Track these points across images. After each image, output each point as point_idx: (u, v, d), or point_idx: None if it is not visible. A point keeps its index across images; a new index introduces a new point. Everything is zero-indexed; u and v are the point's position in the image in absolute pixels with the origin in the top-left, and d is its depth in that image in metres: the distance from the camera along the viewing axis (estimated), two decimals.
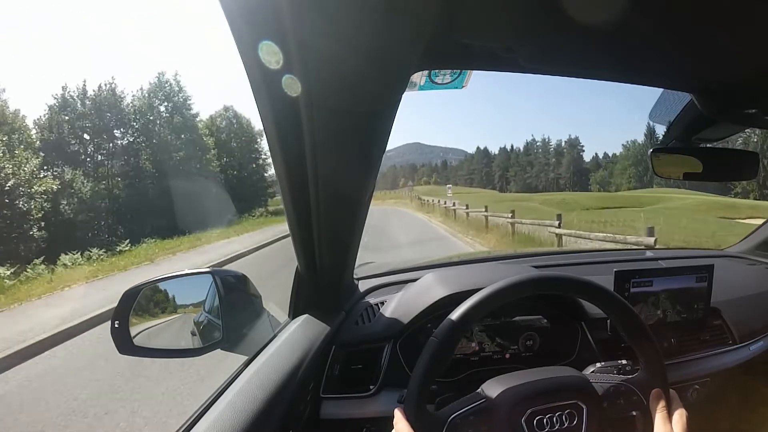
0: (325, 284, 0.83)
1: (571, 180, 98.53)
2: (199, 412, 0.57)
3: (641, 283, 0.91)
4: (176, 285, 0.78)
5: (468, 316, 0.58)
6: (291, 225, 0.67)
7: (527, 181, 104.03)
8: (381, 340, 0.83)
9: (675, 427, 0.59)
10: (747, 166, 0.86)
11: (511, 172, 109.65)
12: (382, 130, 0.48)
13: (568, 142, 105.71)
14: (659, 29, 0.44)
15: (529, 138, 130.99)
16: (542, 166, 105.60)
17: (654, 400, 0.61)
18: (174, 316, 0.79)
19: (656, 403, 0.61)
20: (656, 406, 0.61)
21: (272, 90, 0.41)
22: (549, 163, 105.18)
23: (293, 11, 0.31)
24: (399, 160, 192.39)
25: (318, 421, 0.77)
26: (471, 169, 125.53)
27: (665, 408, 0.60)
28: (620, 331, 0.64)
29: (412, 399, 0.55)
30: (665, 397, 0.61)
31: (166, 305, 0.78)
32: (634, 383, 0.63)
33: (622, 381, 0.63)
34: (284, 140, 0.49)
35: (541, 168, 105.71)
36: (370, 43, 0.35)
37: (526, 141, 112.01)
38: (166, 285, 0.77)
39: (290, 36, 0.33)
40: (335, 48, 0.35)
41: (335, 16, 0.32)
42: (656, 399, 0.61)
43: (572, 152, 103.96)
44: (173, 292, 0.79)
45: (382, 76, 0.40)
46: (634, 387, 0.62)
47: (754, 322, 1.05)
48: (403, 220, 17.99)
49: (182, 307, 0.80)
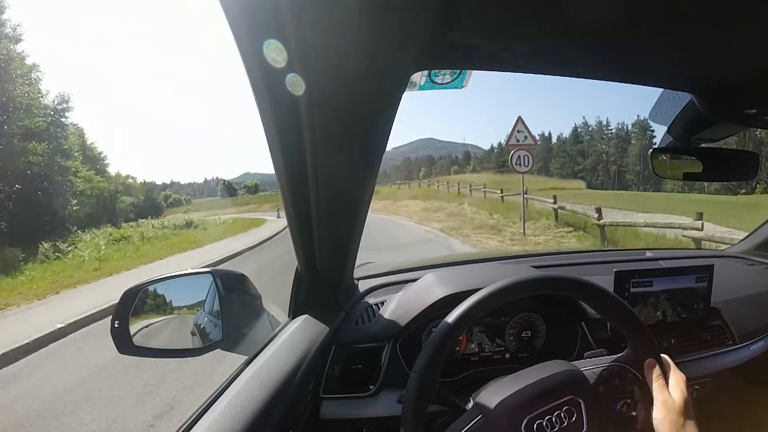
0: (325, 284, 0.83)
1: (642, 175, 67.15)
2: (198, 412, 0.57)
3: (641, 284, 0.91)
4: (176, 285, 0.78)
5: (466, 317, 0.58)
6: (291, 225, 0.67)
7: (578, 175, 73.63)
8: (381, 340, 0.83)
9: (673, 392, 0.59)
10: (747, 166, 0.86)
11: (555, 164, 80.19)
12: (382, 130, 0.48)
13: (637, 125, 71.04)
14: (659, 29, 0.44)
15: (579, 122, 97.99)
16: (598, 156, 75.80)
17: (648, 371, 0.61)
18: (174, 316, 0.79)
19: (650, 373, 0.61)
20: (651, 375, 0.60)
21: (272, 90, 0.41)
22: (608, 152, 75.10)
23: (293, 11, 0.31)
24: (413, 155, 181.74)
25: (318, 421, 0.77)
26: (501, 160, 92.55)
27: (661, 376, 0.60)
28: (603, 316, 0.65)
29: (411, 399, 0.55)
30: (660, 365, 0.61)
31: (165, 305, 0.78)
32: (624, 361, 0.63)
33: (612, 362, 0.63)
34: (284, 140, 0.49)
35: (597, 159, 75.94)
36: (370, 43, 0.35)
37: (575, 125, 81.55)
38: (165, 285, 0.77)
39: (290, 36, 0.33)
40: (335, 48, 0.35)
41: (335, 16, 0.32)
42: (650, 369, 0.61)
43: (642, 139, 68.78)
44: (173, 292, 0.79)
45: (382, 76, 0.40)
46: (625, 365, 0.62)
47: (754, 322, 1.05)
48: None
49: (182, 307, 0.80)
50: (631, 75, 0.59)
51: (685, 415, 0.57)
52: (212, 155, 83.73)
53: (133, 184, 43.72)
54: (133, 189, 41.86)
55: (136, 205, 34.38)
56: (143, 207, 37.33)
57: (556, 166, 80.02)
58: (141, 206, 36.63)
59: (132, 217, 27.00)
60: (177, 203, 72.01)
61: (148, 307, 0.75)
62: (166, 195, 77.68)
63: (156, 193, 62.63)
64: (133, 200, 34.52)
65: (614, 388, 0.61)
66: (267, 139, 0.49)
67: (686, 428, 0.56)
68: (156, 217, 27.86)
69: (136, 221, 23.01)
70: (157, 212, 39.47)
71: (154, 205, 45.11)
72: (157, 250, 12.11)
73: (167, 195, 77.69)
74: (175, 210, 60.88)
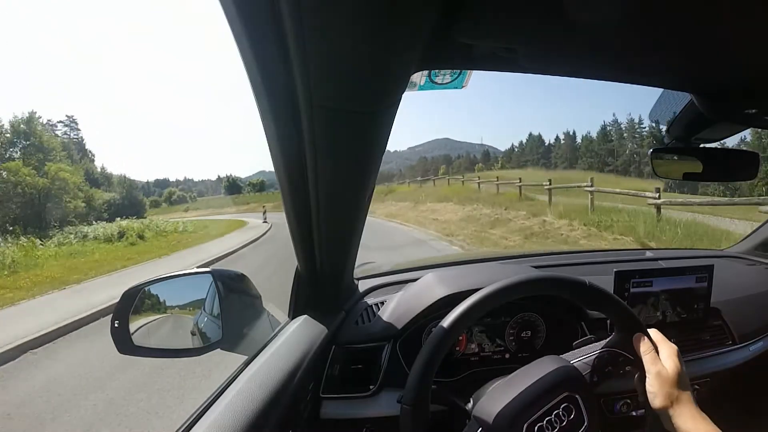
0: (324, 284, 0.83)
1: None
2: (198, 412, 0.57)
3: (641, 284, 0.91)
4: (176, 285, 0.78)
5: (465, 318, 0.58)
6: (291, 225, 0.67)
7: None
8: (381, 340, 0.83)
9: (665, 363, 0.58)
10: (747, 166, 0.86)
11: (582, 165, 71.73)
12: (382, 130, 0.48)
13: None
14: (659, 29, 0.44)
15: (608, 119, 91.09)
16: (630, 156, 68.82)
17: (637, 345, 0.60)
18: (174, 316, 0.79)
19: (640, 347, 0.60)
20: (641, 349, 0.59)
21: (272, 90, 0.41)
22: (640, 153, 67.17)
23: (293, 11, 0.31)
24: (429, 154, 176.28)
25: (318, 420, 0.77)
26: (522, 160, 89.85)
27: (651, 348, 0.59)
28: (585, 307, 0.64)
29: (409, 399, 0.55)
30: (648, 339, 0.60)
31: (165, 305, 0.78)
32: (613, 345, 0.63)
33: (602, 349, 0.63)
34: (284, 140, 0.49)
35: (629, 159, 68.71)
36: (370, 43, 0.35)
37: (603, 123, 75.77)
38: (165, 285, 0.77)
39: (290, 36, 0.33)
40: (335, 48, 0.35)
41: (335, 15, 0.32)
42: (639, 343, 0.60)
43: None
44: (173, 291, 0.79)
45: (382, 76, 0.39)
46: (615, 348, 0.62)
47: (754, 322, 1.06)
48: None
49: (182, 307, 0.80)
50: (631, 75, 0.59)
51: (679, 386, 0.56)
52: (226, 153, 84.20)
53: (119, 180, 40.88)
54: (114, 185, 39.73)
55: (113, 204, 32.42)
56: (120, 205, 34.76)
57: (583, 167, 69.61)
58: (118, 204, 34.55)
59: (105, 217, 22.72)
60: (181, 200, 71.29)
61: (148, 307, 0.75)
62: (170, 191, 77.15)
63: (141, 191, 59.06)
64: (112, 196, 32.70)
65: (608, 373, 0.61)
66: (267, 139, 0.49)
67: (681, 399, 0.56)
68: (129, 218, 20.77)
69: (87, 225, 17.85)
70: (137, 212, 34.29)
71: (134, 203, 40.28)
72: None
73: (171, 191, 77.13)
74: (176, 208, 60.40)
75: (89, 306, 5.36)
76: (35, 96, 65.57)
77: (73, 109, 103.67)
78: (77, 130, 57.31)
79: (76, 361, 3.83)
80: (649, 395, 0.57)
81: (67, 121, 57.51)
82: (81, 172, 30.02)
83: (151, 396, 2.96)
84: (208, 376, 3.09)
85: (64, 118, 65.86)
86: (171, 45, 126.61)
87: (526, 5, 0.38)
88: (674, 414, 0.55)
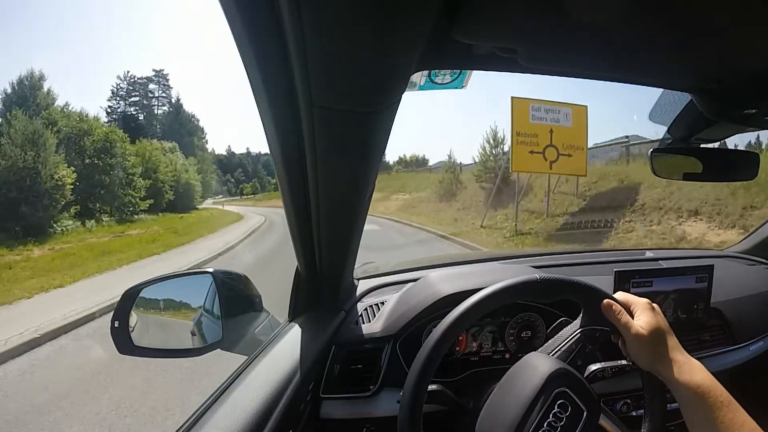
0: (324, 284, 0.83)
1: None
2: (199, 412, 0.57)
3: (641, 284, 0.91)
4: (176, 285, 0.78)
5: (464, 318, 0.58)
6: (291, 225, 0.67)
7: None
8: (381, 340, 0.83)
9: (639, 321, 0.56)
10: (747, 166, 0.86)
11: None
12: (382, 130, 0.48)
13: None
14: (659, 29, 0.44)
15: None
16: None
17: (608, 313, 0.57)
18: (174, 316, 0.79)
19: (611, 314, 0.57)
20: (613, 316, 0.57)
21: (272, 90, 0.41)
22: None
23: (293, 11, 0.31)
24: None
25: (318, 420, 0.77)
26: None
27: (623, 311, 0.57)
28: (549, 300, 0.63)
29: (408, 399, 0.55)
30: (616, 302, 0.58)
31: (166, 305, 0.78)
32: (585, 324, 0.61)
33: (576, 332, 0.61)
34: (284, 140, 0.49)
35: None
36: (370, 43, 0.35)
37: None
38: (166, 285, 0.77)
39: (290, 36, 0.33)
40: (335, 48, 0.35)
41: (335, 15, 0.32)
42: (608, 310, 0.57)
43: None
44: (173, 291, 0.79)
45: (382, 76, 0.39)
46: (587, 326, 0.61)
47: (754, 322, 1.05)
48: None
49: (182, 307, 0.80)
50: (631, 75, 0.58)
51: (659, 340, 0.55)
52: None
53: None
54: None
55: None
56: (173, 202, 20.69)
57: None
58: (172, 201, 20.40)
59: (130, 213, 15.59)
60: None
61: (149, 307, 0.75)
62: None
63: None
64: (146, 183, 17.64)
65: (591, 354, 0.60)
66: (267, 139, 0.50)
67: (664, 353, 0.54)
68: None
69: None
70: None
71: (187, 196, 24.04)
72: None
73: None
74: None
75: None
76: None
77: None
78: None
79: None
80: (633, 359, 0.56)
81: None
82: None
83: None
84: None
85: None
86: (171, 45, 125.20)
87: (525, 5, 0.38)
88: (662, 370, 0.54)
